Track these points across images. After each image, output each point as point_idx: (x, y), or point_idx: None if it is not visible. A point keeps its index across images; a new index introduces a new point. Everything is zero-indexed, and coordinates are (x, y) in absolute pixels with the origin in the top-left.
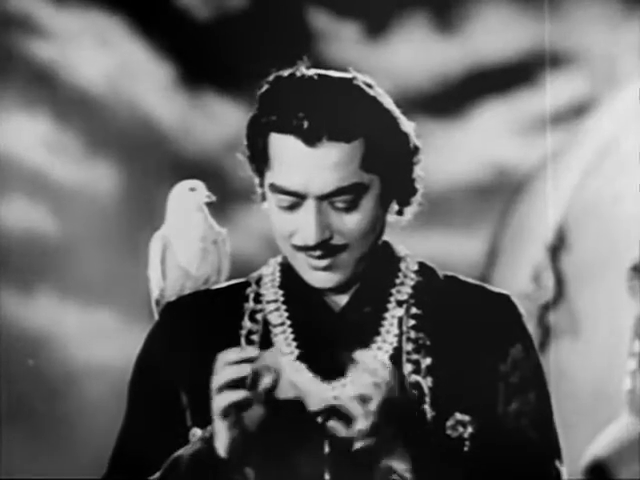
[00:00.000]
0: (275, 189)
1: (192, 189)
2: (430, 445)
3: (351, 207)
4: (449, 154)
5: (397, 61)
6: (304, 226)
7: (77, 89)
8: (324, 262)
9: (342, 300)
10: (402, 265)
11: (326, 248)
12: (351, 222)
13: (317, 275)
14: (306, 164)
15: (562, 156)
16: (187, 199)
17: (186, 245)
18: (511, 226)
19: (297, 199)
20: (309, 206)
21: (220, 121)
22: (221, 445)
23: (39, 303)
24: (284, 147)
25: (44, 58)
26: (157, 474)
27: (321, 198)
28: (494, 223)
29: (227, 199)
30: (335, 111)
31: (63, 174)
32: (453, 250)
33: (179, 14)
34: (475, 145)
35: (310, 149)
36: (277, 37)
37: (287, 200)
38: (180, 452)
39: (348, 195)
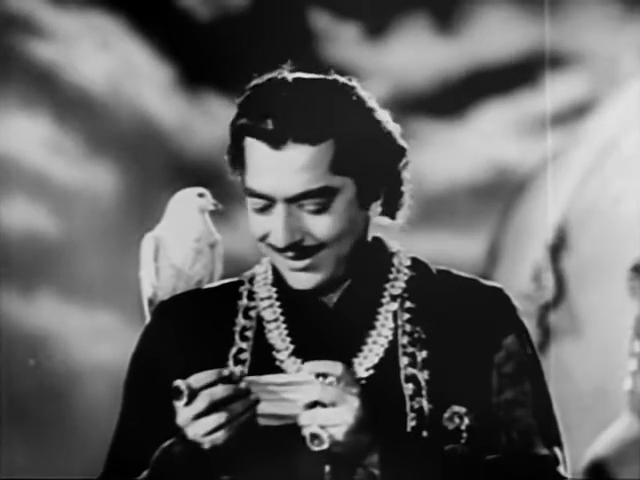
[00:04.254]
0: (248, 192)
1: (201, 195)
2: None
3: (321, 210)
4: (449, 154)
5: (397, 62)
6: (274, 229)
7: (77, 89)
8: (302, 263)
9: (335, 296)
10: (395, 260)
11: (299, 249)
12: (322, 225)
13: (296, 276)
14: (273, 167)
15: (562, 156)
16: (192, 202)
17: (181, 244)
18: (511, 226)
19: (267, 202)
20: (278, 209)
21: (220, 121)
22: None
23: (40, 303)
24: (254, 150)
25: (44, 59)
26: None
27: (289, 201)
28: (494, 223)
29: (225, 199)
30: (302, 113)
31: (63, 174)
32: (453, 250)
33: (179, 14)
34: (475, 145)
35: (276, 152)
36: (277, 37)
37: (259, 203)
38: (168, 444)
39: (317, 198)
